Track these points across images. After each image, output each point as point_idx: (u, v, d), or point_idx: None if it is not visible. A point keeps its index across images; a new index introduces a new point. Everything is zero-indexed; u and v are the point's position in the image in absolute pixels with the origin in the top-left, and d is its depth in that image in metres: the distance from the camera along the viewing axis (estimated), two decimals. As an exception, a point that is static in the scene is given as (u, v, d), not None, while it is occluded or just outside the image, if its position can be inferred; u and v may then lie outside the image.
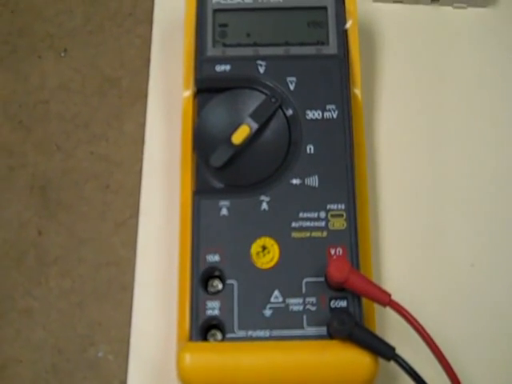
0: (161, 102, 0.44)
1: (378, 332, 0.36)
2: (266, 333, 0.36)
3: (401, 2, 0.45)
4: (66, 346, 0.40)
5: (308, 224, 0.37)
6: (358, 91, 0.41)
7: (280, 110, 0.39)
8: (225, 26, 0.41)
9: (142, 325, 0.39)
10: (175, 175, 0.40)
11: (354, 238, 0.37)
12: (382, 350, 0.35)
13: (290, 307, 0.36)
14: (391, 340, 0.35)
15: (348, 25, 0.41)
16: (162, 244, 0.40)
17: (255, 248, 0.37)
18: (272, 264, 0.37)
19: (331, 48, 0.40)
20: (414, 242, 0.40)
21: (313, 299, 0.36)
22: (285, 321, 0.36)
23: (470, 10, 0.45)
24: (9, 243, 0.42)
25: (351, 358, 0.35)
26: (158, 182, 0.42)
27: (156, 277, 0.40)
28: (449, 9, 0.45)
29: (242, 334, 0.36)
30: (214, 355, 0.35)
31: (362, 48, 0.42)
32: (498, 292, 0.39)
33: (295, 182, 0.38)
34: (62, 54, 0.46)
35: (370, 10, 0.45)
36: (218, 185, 0.38)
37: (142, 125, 0.44)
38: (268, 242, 0.37)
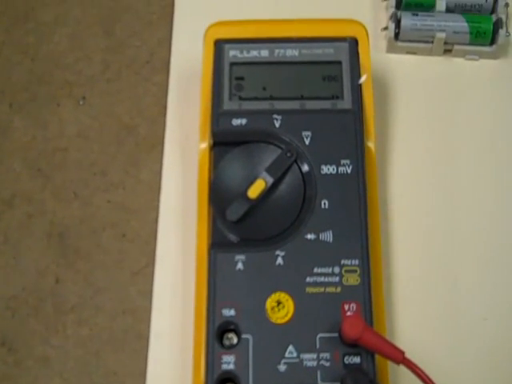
0: (177, 150, 0.44)
1: (392, 388, 0.36)
2: (281, 388, 0.36)
3: (414, 54, 0.46)
4: (82, 395, 0.40)
5: (322, 279, 0.38)
6: (371, 144, 0.41)
7: (295, 165, 0.40)
8: (241, 79, 0.41)
9: (157, 374, 0.40)
10: (191, 224, 0.41)
11: (367, 294, 0.37)
12: (395, 409, 0.35)
13: (305, 363, 0.36)
14: (404, 397, 0.36)
15: (362, 79, 0.41)
16: (178, 293, 0.41)
17: (270, 303, 0.37)
18: (287, 319, 0.37)
19: (346, 102, 0.41)
20: (426, 296, 0.41)
21: (327, 355, 0.36)
22: (299, 376, 0.36)
23: (482, 61, 0.46)
24: (27, 291, 0.42)
25: (365, 417, 0.35)
26: (173, 230, 0.42)
27: (171, 326, 0.40)
28: (461, 60, 0.46)
29: (256, 388, 0.36)
30: (229, 410, 0.36)
31: (375, 98, 0.42)
32: (511, 347, 0.40)
33: (310, 236, 0.38)
34: (81, 102, 0.47)
35: (383, 60, 0.46)
36: (234, 238, 0.39)
37: (159, 172, 0.44)
38: (283, 297, 0.37)
